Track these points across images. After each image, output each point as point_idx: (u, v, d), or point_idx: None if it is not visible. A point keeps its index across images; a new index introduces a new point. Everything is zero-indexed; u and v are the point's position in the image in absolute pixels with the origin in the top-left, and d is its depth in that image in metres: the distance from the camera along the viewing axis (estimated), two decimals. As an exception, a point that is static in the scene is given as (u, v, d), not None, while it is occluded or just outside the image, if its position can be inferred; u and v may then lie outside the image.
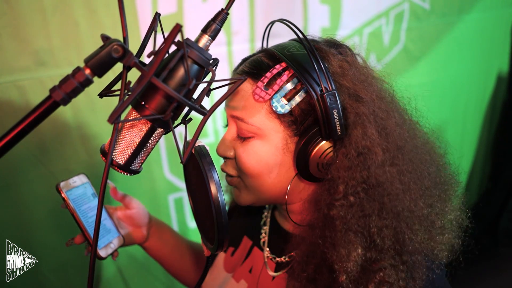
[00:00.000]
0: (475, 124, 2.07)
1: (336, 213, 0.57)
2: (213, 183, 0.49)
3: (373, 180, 0.56)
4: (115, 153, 0.49)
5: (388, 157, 0.58)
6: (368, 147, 0.57)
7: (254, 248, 0.78)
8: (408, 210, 0.58)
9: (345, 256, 0.55)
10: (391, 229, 0.57)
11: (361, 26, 1.48)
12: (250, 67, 0.63)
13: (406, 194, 0.58)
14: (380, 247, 0.56)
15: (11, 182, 1.03)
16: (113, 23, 1.03)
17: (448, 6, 1.67)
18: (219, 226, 0.50)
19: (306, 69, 0.58)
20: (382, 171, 0.57)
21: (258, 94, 0.60)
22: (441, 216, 0.62)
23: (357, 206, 0.56)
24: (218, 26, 0.49)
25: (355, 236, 0.56)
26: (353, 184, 0.57)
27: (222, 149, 0.66)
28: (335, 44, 0.66)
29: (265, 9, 1.25)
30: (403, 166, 0.58)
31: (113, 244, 0.77)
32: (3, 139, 0.41)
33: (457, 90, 1.88)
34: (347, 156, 0.57)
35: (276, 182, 0.64)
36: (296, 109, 0.59)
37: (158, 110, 0.47)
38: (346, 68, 0.60)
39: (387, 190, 0.57)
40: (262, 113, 0.60)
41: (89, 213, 0.75)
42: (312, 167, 0.61)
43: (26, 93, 0.97)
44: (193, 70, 0.48)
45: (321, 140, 0.59)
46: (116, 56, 0.42)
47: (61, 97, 0.41)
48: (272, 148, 0.62)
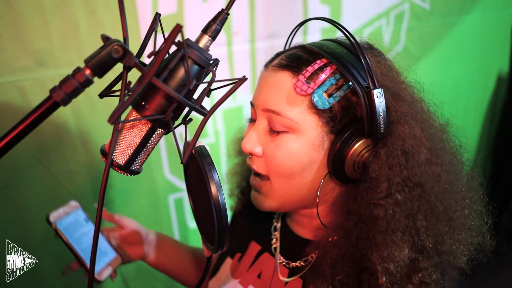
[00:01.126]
0: (476, 124, 2.07)
1: (381, 212, 0.56)
2: (214, 183, 0.49)
3: (417, 178, 0.56)
4: (115, 153, 0.49)
5: (432, 156, 0.58)
6: (413, 145, 0.57)
7: (264, 253, 0.76)
8: (450, 210, 0.58)
9: (387, 257, 0.54)
10: (436, 229, 0.56)
11: (362, 26, 1.48)
12: (289, 61, 0.61)
13: (449, 194, 0.58)
14: (423, 247, 0.56)
15: (11, 182, 1.03)
16: (113, 24, 1.03)
17: (448, 7, 1.67)
18: (220, 226, 0.50)
19: (348, 66, 0.58)
20: (426, 170, 0.57)
21: (300, 87, 0.58)
22: (473, 219, 0.62)
23: (403, 205, 0.56)
24: (219, 27, 0.49)
25: (402, 235, 0.55)
26: (398, 181, 0.56)
27: (250, 145, 0.63)
28: (370, 47, 0.66)
29: (266, 10, 1.25)
30: (443, 166, 0.59)
31: (111, 265, 0.77)
32: (3, 140, 0.41)
33: (457, 91, 1.88)
34: (391, 154, 0.57)
35: (307, 182, 0.62)
36: (336, 105, 0.59)
37: (159, 111, 0.47)
38: (385, 69, 0.61)
39: (432, 189, 0.57)
40: (301, 107, 0.59)
41: (82, 239, 0.75)
42: (348, 166, 0.59)
43: (26, 93, 0.97)
44: (193, 71, 0.48)
45: (361, 138, 0.59)
46: (116, 57, 0.42)
47: (61, 98, 0.41)
48: (307, 144, 0.60)
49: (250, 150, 0.64)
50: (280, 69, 0.61)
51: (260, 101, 0.63)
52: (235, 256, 0.81)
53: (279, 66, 0.62)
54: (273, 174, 0.63)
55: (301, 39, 1.34)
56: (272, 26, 1.27)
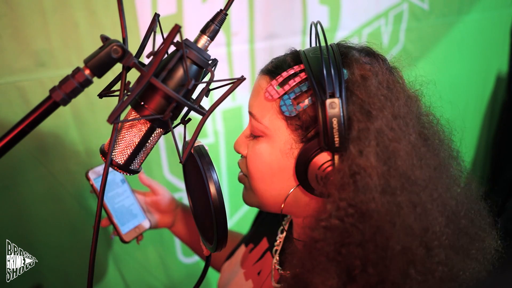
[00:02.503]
0: (475, 124, 2.07)
1: (317, 235, 0.51)
2: (212, 183, 0.50)
3: (363, 206, 0.49)
4: (114, 153, 0.49)
5: (385, 184, 0.50)
6: (364, 168, 0.50)
7: (267, 253, 0.77)
8: (412, 247, 0.49)
9: (321, 284, 0.50)
10: (381, 266, 0.49)
11: (361, 26, 1.48)
12: (272, 66, 0.61)
13: (407, 231, 0.49)
14: (359, 282, 0.49)
15: (11, 183, 1.03)
16: (113, 24, 1.03)
17: (447, 7, 1.68)
18: (218, 226, 0.50)
19: (320, 73, 0.54)
20: (374, 198, 0.49)
21: (269, 92, 0.57)
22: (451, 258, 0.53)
23: (341, 232, 0.50)
24: (217, 27, 0.49)
25: (330, 264, 0.50)
26: (343, 206, 0.50)
27: (237, 146, 0.66)
28: (370, 53, 0.61)
29: (265, 10, 1.25)
30: (403, 197, 0.50)
31: (138, 228, 0.81)
32: (3, 140, 0.41)
33: (457, 91, 1.88)
34: (340, 172, 0.51)
35: (277, 189, 0.60)
36: (304, 113, 0.56)
37: (157, 110, 0.47)
38: (367, 78, 0.55)
39: (378, 222, 0.49)
40: (271, 113, 0.58)
41: (116, 199, 0.80)
42: (311, 178, 0.56)
43: (26, 93, 0.98)
44: (192, 71, 0.48)
45: (319, 150, 0.54)
46: (115, 57, 0.42)
47: (61, 97, 0.41)
48: (276, 151, 0.59)
49: (237, 150, 0.66)
50: (263, 73, 0.62)
51: (248, 104, 0.64)
52: (248, 246, 0.83)
53: (263, 70, 0.62)
54: (249, 176, 0.63)
55: (300, 39, 1.34)
56: (271, 27, 1.27)
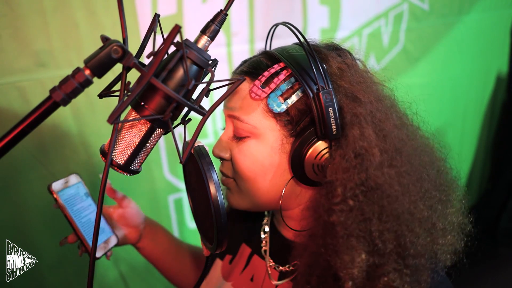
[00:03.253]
0: (475, 124, 2.08)
1: (336, 219, 0.55)
2: (212, 183, 0.50)
3: (372, 182, 0.55)
4: (114, 153, 0.49)
5: (386, 158, 0.56)
6: (366, 148, 0.55)
7: (254, 256, 0.76)
8: (408, 213, 0.56)
9: (349, 262, 0.54)
10: (392, 232, 0.55)
11: (361, 27, 1.49)
12: (249, 67, 0.63)
13: (406, 196, 0.56)
14: (382, 251, 0.55)
15: (11, 183, 1.03)
16: (113, 24, 1.03)
17: (447, 7, 1.68)
18: (218, 225, 0.50)
19: (303, 69, 0.58)
20: (380, 172, 0.55)
21: (255, 92, 0.60)
22: (443, 218, 0.61)
23: (357, 210, 0.55)
24: (217, 27, 0.49)
25: (357, 241, 0.54)
26: (352, 186, 0.55)
27: (218, 150, 0.66)
28: (335, 48, 0.66)
29: (265, 10, 1.25)
30: (401, 167, 0.57)
31: (107, 244, 0.77)
32: (4, 139, 0.41)
33: (457, 91, 1.88)
34: (344, 157, 0.56)
35: (271, 185, 0.63)
36: (293, 108, 0.59)
37: (158, 111, 0.47)
38: (344, 70, 0.60)
39: (386, 192, 0.55)
40: (258, 112, 0.60)
41: (82, 213, 0.75)
42: (308, 169, 0.60)
43: (27, 94, 0.98)
44: (192, 71, 0.48)
45: (316, 140, 0.58)
46: (115, 57, 0.42)
47: (61, 98, 0.41)
48: (267, 148, 0.61)
49: (219, 155, 0.66)
50: (239, 75, 0.63)
51: (226, 108, 0.65)
52: (225, 258, 0.81)
53: (240, 73, 0.64)
54: (238, 178, 0.64)
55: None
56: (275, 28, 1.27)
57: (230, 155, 0.65)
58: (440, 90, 1.80)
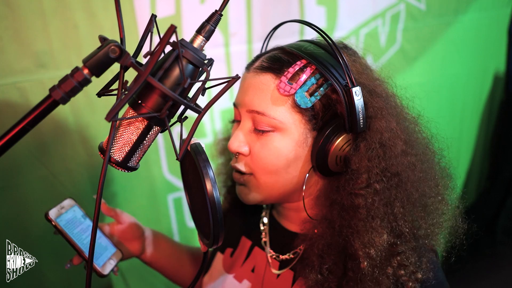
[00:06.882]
0: (473, 123, 2.08)
1: (361, 201, 0.59)
2: (208, 179, 0.51)
3: (394, 169, 0.60)
4: (113, 150, 0.50)
5: (407, 147, 0.62)
6: (390, 138, 0.60)
7: (255, 248, 0.78)
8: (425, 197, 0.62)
9: (368, 242, 0.58)
10: (412, 214, 0.61)
11: (358, 27, 1.49)
12: (271, 63, 0.64)
13: (423, 182, 0.62)
14: (400, 232, 0.60)
15: (11, 183, 1.04)
16: (112, 26, 1.04)
17: (444, 7, 1.69)
18: (214, 221, 0.51)
19: (328, 66, 0.62)
20: (403, 160, 0.60)
21: (283, 88, 0.61)
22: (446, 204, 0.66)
23: (382, 193, 0.60)
24: (212, 27, 0.50)
25: (381, 222, 0.59)
26: (377, 172, 0.59)
27: (236, 145, 0.66)
28: (345, 46, 0.69)
29: (262, 11, 1.26)
30: (417, 156, 0.63)
31: (112, 260, 0.78)
32: (5, 137, 0.42)
33: (454, 90, 1.89)
34: (370, 147, 0.60)
35: (292, 177, 0.65)
36: (318, 103, 0.62)
37: (154, 109, 0.49)
38: (361, 67, 0.65)
39: (408, 178, 0.60)
40: (285, 107, 0.62)
41: (82, 235, 0.75)
42: (331, 161, 0.63)
43: (27, 94, 0.99)
44: (188, 70, 0.49)
45: (342, 133, 0.62)
46: (113, 57, 0.43)
47: (60, 96, 0.42)
48: (292, 142, 0.63)
49: (237, 150, 0.66)
50: (262, 71, 0.64)
51: (244, 102, 0.66)
52: (225, 251, 0.83)
53: (261, 69, 0.65)
54: (259, 172, 0.66)
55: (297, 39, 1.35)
56: (269, 27, 1.26)
57: (249, 149, 0.66)
58: (438, 89, 1.81)
